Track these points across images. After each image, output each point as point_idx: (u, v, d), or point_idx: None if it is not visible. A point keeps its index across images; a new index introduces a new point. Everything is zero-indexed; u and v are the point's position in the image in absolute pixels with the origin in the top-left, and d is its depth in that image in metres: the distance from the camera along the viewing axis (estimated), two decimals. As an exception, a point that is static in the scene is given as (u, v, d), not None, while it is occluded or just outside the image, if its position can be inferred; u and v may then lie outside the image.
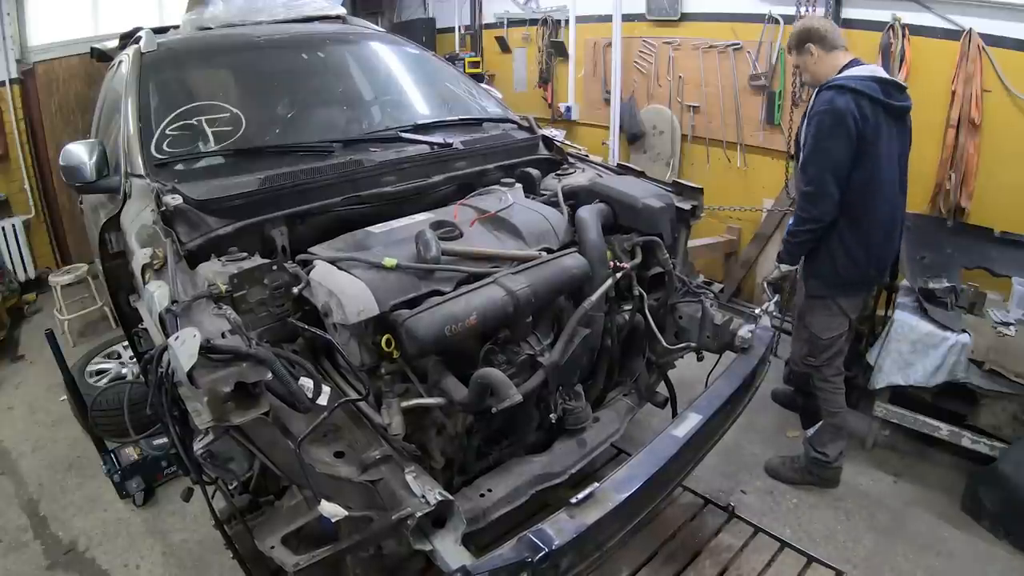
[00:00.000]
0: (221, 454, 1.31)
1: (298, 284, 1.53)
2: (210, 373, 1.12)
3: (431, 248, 1.59)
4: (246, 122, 2.07)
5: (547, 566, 1.25)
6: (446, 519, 1.25)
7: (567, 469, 1.79)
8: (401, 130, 2.27)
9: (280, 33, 2.70)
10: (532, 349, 1.69)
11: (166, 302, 1.32)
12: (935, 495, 2.55)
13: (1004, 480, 2.31)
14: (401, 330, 1.44)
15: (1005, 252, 2.88)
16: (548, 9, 5.34)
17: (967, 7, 3.06)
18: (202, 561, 2.33)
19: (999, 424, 2.47)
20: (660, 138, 4.68)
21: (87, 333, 4.15)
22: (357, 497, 1.29)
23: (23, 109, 4.66)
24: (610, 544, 1.45)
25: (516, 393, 1.44)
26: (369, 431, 1.42)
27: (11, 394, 3.53)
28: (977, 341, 2.40)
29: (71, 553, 2.39)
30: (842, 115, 2.06)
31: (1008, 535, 2.30)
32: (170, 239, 1.55)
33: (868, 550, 2.28)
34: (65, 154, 1.90)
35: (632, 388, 2.22)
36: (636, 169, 2.39)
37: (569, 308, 1.87)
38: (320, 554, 1.22)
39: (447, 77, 2.84)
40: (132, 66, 2.24)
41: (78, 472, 2.84)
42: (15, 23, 4.51)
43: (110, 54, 3.17)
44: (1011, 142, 3.01)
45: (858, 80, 2.10)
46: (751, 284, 4.26)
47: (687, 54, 4.34)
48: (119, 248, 1.82)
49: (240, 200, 1.75)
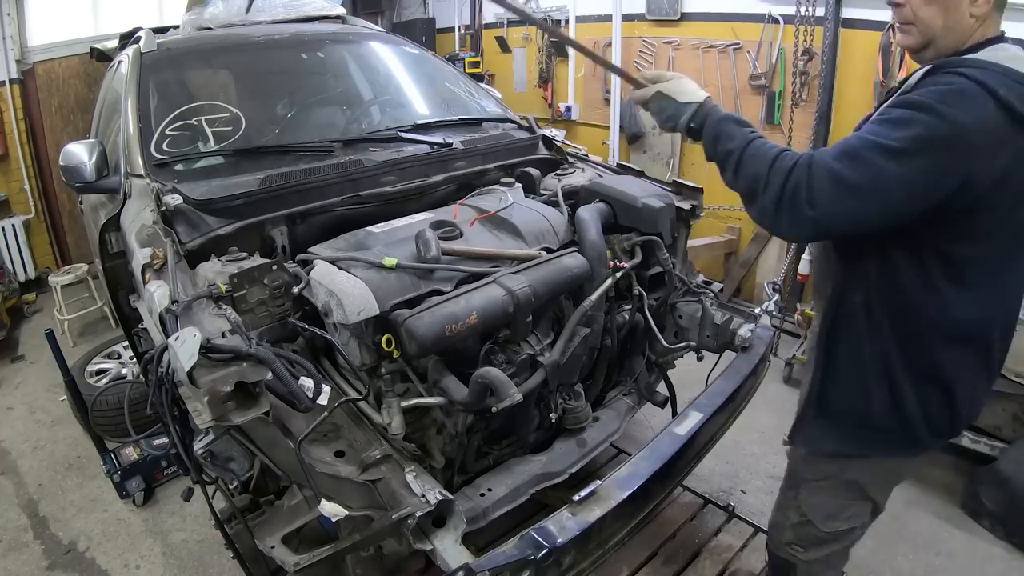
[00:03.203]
0: (221, 454, 1.32)
1: (298, 284, 1.53)
2: (210, 373, 1.12)
3: (431, 248, 1.59)
4: (246, 122, 2.07)
5: (549, 564, 1.26)
6: (446, 518, 1.25)
7: (567, 468, 1.79)
8: (401, 130, 2.27)
9: (280, 33, 2.70)
10: (532, 348, 1.69)
11: (166, 302, 1.32)
12: (935, 495, 2.55)
13: (1004, 480, 2.31)
14: (401, 330, 1.44)
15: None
16: (548, 9, 5.34)
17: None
18: (202, 561, 2.33)
19: (999, 424, 2.47)
20: (660, 138, 4.68)
21: (87, 333, 4.15)
22: (357, 497, 1.28)
23: (23, 109, 4.66)
24: (612, 542, 1.45)
25: (516, 392, 1.44)
26: (369, 431, 1.42)
27: (11, 394, 3.53)
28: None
29: (71, 553, 2.39)
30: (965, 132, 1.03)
31: (1008, 535, 2.30)
32: (170, 239, 1.55)
33: (868, 550, 2.28)
34: (65, 154, 1.90)
35: (632, 387, 2.22)
36: (636, 169, 2.39)
37: (569, 307, 1.87)
38: (320, 554, 1.22)
39: (447, 77, 2.84)
40: (132, 66, 2.24)
41: (78, 472, 2.84)
42: (15, 23, 4.51)
43: (110, 54, 3.18)
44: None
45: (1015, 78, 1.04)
46: (751, 284, 4.26)
47: (687, 54, 4.35)
48: (119, 248, 1.82)
49: (240, 200, 1.75)
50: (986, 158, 1.03)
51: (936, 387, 1.23)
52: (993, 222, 1.10)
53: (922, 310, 1.19)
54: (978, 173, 1.04)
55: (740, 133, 1.20)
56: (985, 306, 1.18)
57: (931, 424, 1.25)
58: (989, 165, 1.03)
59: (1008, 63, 1.06)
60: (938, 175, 1.04)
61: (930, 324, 1.19)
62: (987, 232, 1.12)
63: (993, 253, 1.14)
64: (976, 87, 1.02)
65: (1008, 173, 1.04)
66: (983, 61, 1.07)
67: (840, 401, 1.32)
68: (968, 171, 1.03)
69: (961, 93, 1.03)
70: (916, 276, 1.17)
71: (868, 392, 1.26)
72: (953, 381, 1.22)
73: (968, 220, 1.10)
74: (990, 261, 1.15)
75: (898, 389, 1.24)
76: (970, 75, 1.04)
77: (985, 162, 1.03)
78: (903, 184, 1.05)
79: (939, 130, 1.02)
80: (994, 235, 1.12)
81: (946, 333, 1.19)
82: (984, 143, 1.02)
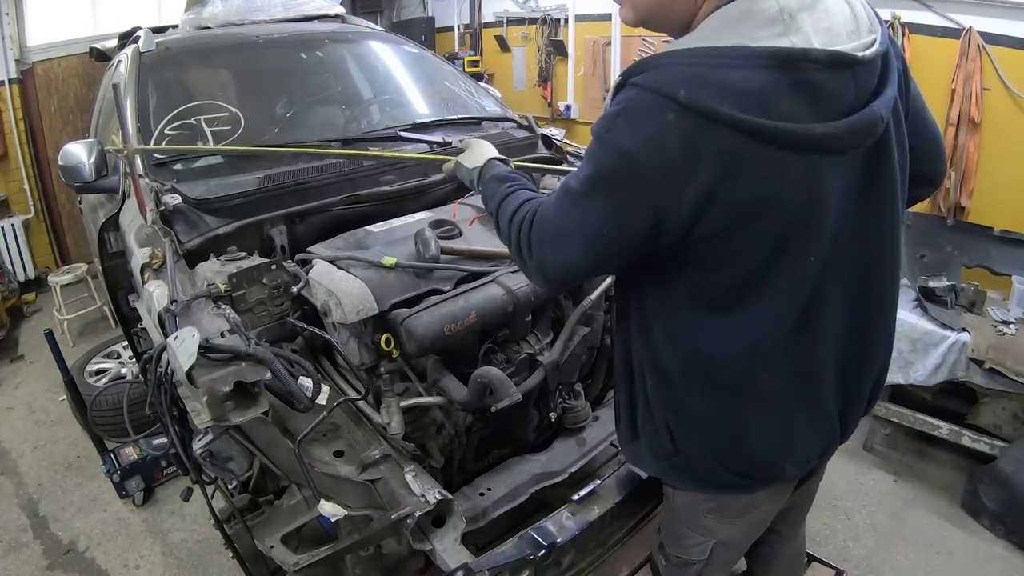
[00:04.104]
0: (220, 454, 1.31)
1: (297, 283, 1.53)
2: (209, 373, 1.12)
3: (430, 247, 1.59)
4: (245, 121, 2.06)
5: (549, 563, 1.26)
6: (446, 518, 1.25)
7: (567, 468, 1.78)
8: (400, 129, 2.27)
9: (279, 32, 2.69)
10: (531, 348, 1.69)
11: (165, 302, 1.32)
12: (935, 494, 2.55)
13: (1004, 479, 2.31)
14: (400, 329, 1.44)
15: (1005, 250, 2.87)
16: (547, 8, 5.34)
17: (967, 6, 3.06)
18: (202, 561, 2.33)
19: (999, 423, 2.47)
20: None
21: (86, 333, 4.14)
22: (357, 496, 1.28)
23: (22, 109, 4.66)
24: (611, 542, 1.45)
25: (516, 392, 1.43)
26: (368, 430, 1.42)
27: (11, 394, 3.53)
28: (977, 340, 2.39)
29: (71, 553, 2.39)
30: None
31: (1008, 534, 2.30)
32: (169, 239, 1.54)
33: (868, 549, 2.28)
34: (64, 154, 1.90)
35: (632, 387, 2.22)
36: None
37: (569, 306, 1.87)
38: (320, 553, 1.22)
39: (446, 76, 2.84)
40: (131, 66, 2.23)
41: (78, 472, 2.84)
42: (14, 23, 4.51)
43: (109, 54, 3.17)
44: (1011, 140, 3.01)
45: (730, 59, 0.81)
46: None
47: (686, 53, 4.34)
48: (118, 248, 1.82)
49: (239, 199, 1.75)
50: (673, 185, 0.82)
51: (718, 431, 1.04)
52: (721, 247, 0.88)
53: (679, 345, 1.01)
54: (669, 204, 0.83)
55: (499, 191, 1.13)
56: (750, 333, 0.96)
57: (731, 468, 1.07)
58: (681, 192, 0.81)
59: (711, 38, 0.82)
60: (620, 215, 0.86)
61: (691, 361, 1.01)
62: (724, 258, 0.90)
63: (737, 279, 0.92)
64: (650, 97, 0.81)
65: (712, 192, 0.81)
66: (668, 55, 0.84)
67: (644, 432, 1.15)
68: (653, 202, 0.83)
69: (627, 112, 0.84)
70: (662, 307, 1.01)
71: (656, 432, 1.10)
72: (737, 423, 1.03)
73: (694, 250, 0.89)
74: (739, 286, 0.92)
75: (674, 430, 1.08)
76: (643, 83, 0.82)
77: (674, 190, 0.82)
78: (590, 230, 0.90)
79: (605, 164, 0.86)
80: (730, 260, 0.90)
81: (713, 370, 1.00)
82: (665, 168, 0.81)
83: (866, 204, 0.94)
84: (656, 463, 1.16)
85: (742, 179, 0.81)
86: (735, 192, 0.82)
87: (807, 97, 0.80)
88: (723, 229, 0.85)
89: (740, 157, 0.80)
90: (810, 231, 0.89)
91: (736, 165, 0.80)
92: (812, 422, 1.06)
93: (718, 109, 0.77)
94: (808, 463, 1.10)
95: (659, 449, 1.12)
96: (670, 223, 0.85)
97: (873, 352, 1.09)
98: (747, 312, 0.94)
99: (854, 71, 0.83)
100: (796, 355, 0.99)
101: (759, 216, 0.85)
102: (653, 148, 0.81)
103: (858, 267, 0.98)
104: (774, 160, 0.81)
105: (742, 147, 0.79)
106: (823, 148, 0.83)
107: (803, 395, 1.03)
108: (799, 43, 0.80)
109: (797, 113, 0.80)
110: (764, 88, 0.78)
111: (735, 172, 0.81)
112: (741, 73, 0.79)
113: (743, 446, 1.05)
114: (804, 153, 0.82)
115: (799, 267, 0.92)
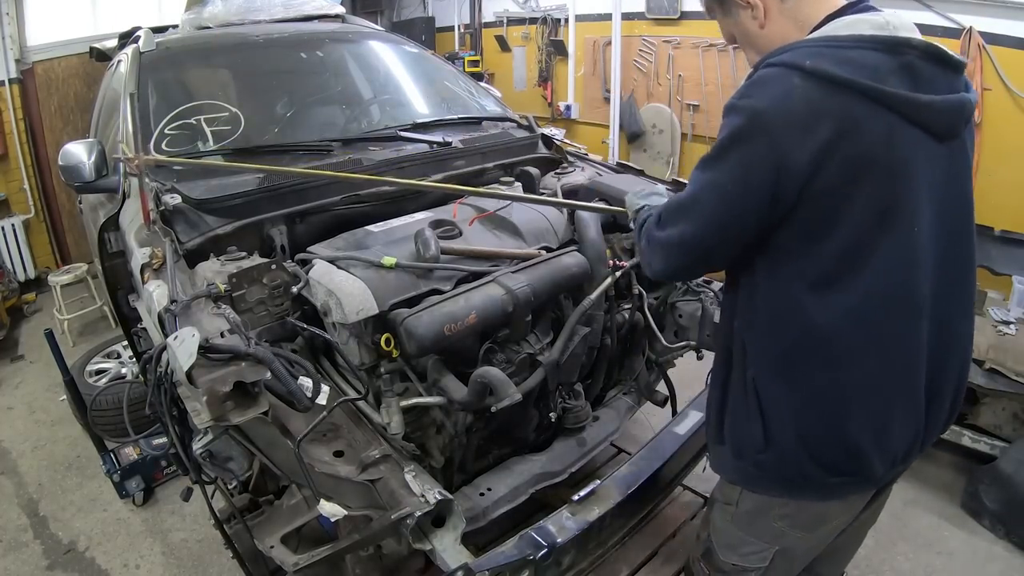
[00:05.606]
0: (220, 454, 1.31)
1: (297, 283, 1.53)
2: (209, 373, 1.12)
3: (430, 247, 1.59)
4: (245, 121, 2.06)
5: (549, 563, 1.25)
6: (446, 518, 1.25)
7: (567, 468, 1.79)
8: (400, 129, 2.27)
9: (279, 32, 2.70)
10: (532, 348, 1.69)
11: (165, 302, 1.32)
12: (935, 494, 2.55)
13: (1005, 479, 2.31)
14: (400, 329, 1.44)
15: (1005, 250, 2.87)
16: (548, 8, 5.34)
17: (967, 6, 3.06)
18: (202, 561, 2.33)
19: (999, 423, 2.47)
20: (660, 136, 4.68)
21: (87, 333, 4.15)
22: (356, 496, 1.28)
23: (22, 109, 4.66)
24: (611, 542, 1.45)
25: (516, 392, 1.43)
26: (368, 430, 1.42)
27: (11, 394, 3.53)
28: (977, 340, 2.38)
29: (71, 553, 2.39)
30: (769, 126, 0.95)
31: (1008, 534, 2.30)
32: (169, 238, 1.55)
33: (868, 549, 2.28)
34: (64, 154, 1.90)
35: (632, 387, 2.22)
36: (636, 168, 2.38)
37: (569, 307, 1.87)
38: (320, 553, 1.22)
39: (446, 76, 2.84)
40: (131, 65, 2.23)
41: (78, 472, 2.84)
42: (14, 23, 4.51)
43: (109, 54, 3.17)
44: (1011, 140, 3.01)
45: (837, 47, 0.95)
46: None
47: (687, 53, 4.35)
48: (118, 248, 1.82)
49: (239, 199, 1.75)
50: (796, 137, 0.92)
51: (818, 416, 1.06)
52: (832, 207, 0.96)
53: (788, 325, 1.04)
54: (791, 156, 0.92)
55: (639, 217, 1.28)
56: (856, 308, 0.99)
57: (822, 462, 1.07)
58: (802, 144, 0.91)
59: (836, 32, 0.98)
60: (746, 171, 0.96)
61: (797, 341, 1.03)
62: (834, 221, 0.96)
63: (845, 245, 0.97)
64: (779, 70, 0.95)
65: (831, 146, 0.91)
66: (791, 45, 0.98)
67: (732, 431, 1.17)
68: (778, 157, 0.92)
69: (757, 81, 0.97)
70: (772, 287, 1.05)
71: (749, 424, 1.12)
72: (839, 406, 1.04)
73: (807, 212, 0.96)
74: (847, 254, 0.98)
75: (770, 419, 1.09)
76: (776, 61, 0.97)
77: (796, 142, 0.92)
78: (719, 188, 1.00)
79: (736, 124, 0.96)
80: (840, 223, 0.96)
81: (818, 349, 1.03)
82: (789, 122, 0.92)
83: (952, 201, 1.05)
84: (737, 464, 1.17)
85: (857, 137, 0.93)
86: (850, 148, 0.92)
87: (910, 78, 0.95)
88: (836, 186, 0.94)
89: (856, 118, 0.92)
90: (910, 204, 0.98)
91: (852, 124, 0.92)
92: (906, 413, 1.09)
93: (838, 73, 0.91)
94: (893, 463, 1.12)
95: (746, 446, 1.14)
96: (789, 181, 0.94)
97: (957, 346, 1.13)
98: (853, 284, 0.99)
99: (943, 69, 0.99)
100: (899, 336, 1.04)
101: (869, 175, 0.95)
102: (780, 105, 0.93)
103: (947, 260, 1.05)
104: (886, 123, 0.94)
105: (858, 109, 0.92)
106: (926, 123, 0.97)
107: (902, 382, 1.06)
108: (902, 35, 0.96)
109: (904, 88, 0.94)
110: (877, 65, 0.93)
111: (851, 130, 0.92)
112: (857, 52, 0.94)
113: (841, 434, 1.06)
114: (911, 125, 0.96)
115: (900, 239, 0.99)
